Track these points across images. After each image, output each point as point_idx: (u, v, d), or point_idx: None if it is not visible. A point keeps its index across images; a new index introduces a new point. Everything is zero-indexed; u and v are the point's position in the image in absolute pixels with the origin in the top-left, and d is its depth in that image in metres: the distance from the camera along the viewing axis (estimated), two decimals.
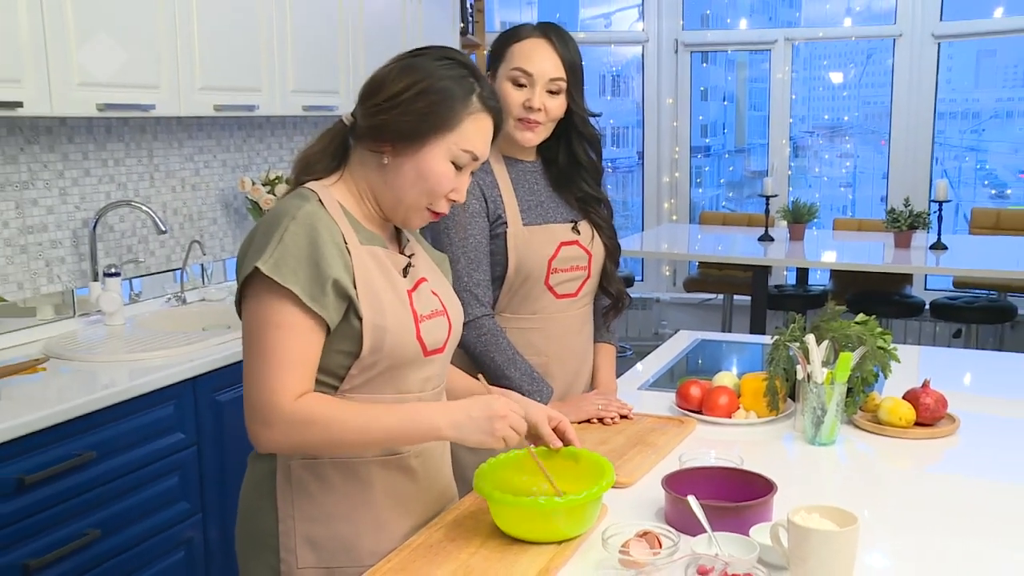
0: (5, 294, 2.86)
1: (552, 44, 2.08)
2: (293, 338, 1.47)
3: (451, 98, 1.54)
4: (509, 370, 2.07)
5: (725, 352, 3.07)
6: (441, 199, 1.58)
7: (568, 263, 2.17)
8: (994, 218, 6.20)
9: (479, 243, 2.08)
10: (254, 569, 1.65)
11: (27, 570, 2.23)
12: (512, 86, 2.07)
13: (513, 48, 2.09)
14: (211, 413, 2.77)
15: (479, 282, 2.09)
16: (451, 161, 1.56)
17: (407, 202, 1.58)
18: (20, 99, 2.50)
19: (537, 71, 2.06)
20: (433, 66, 1.55)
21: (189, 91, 3.06)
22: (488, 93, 1.59)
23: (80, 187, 3.13)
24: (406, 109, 1.52)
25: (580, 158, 2.20)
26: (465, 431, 1.52)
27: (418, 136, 1.53)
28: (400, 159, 1.55)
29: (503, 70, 2.10)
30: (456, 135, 1.55)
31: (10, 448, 2.19)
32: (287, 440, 1.49)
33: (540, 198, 2.18)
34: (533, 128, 2.10)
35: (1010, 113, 7.09)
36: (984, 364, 2.94)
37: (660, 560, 1.40)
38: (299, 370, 1.48)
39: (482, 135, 1.59)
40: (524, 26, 2.12)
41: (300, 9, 3.53)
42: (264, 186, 3.69)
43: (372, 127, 1.55)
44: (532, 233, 2.13)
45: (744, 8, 7.45)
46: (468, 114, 1.55)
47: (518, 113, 2.08)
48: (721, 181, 7.87)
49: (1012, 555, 1.56)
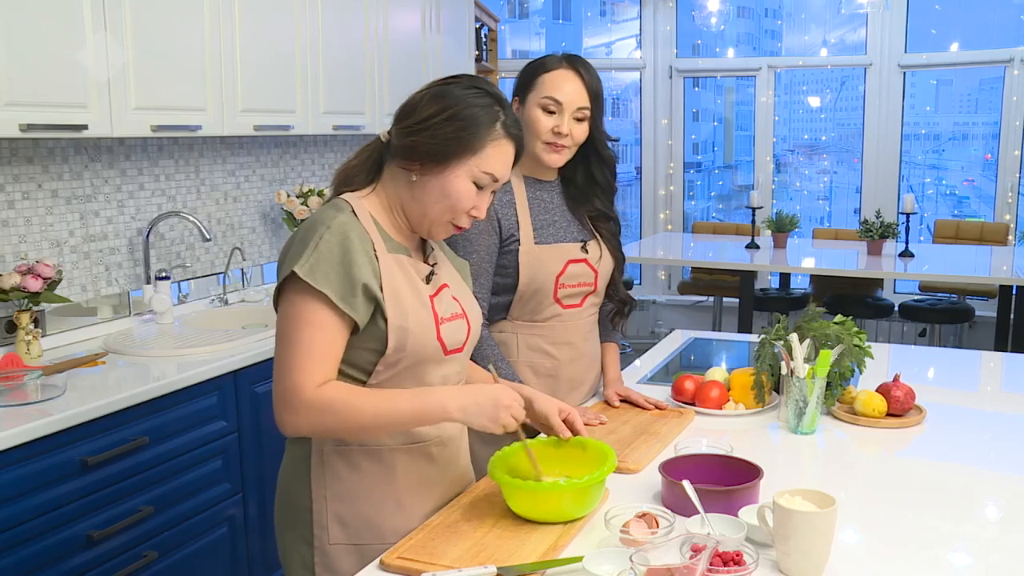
0: (70, 295, 2.87)
1: (579, 75, 2.06)
2: (320, 334, 1.47)
3: (476, 124, 1.53)
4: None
5: (716, 349, 3.06)
6: (462, 215, 1.58)
7: (575, 279, 2.14)
8: (954, 229, 6.18)
9: (482, 258, 2.06)
10: (291, 542, 1.65)
11: (91, 540, 2.25)
12: (542, 112, 2.05)
13: (544, 78, 2.06)
14: (250, 403, 2.77)
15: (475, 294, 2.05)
16: (473, 182, 1.55)
17: (431, 216, 1.57)
18: (85, 122, 2.51)
19: (566, 100, 2.04)
20: (462, 94, 1.54)
21: (232, 113, 3.07)
22: (511, 121, 1.58)
23: (135, 200, 3.14)
24: (435, 132, 1.52)
25: (597, 178, 2.18)
26: (471, 415, 1.52)
27: (444, 157, 1.53)
28: (427, 177, 1.55)
29: (533, 97, 2.07)
30: (479, 159, 1.54)
31: (75, 433, 2.20)
32: (308, 424, 1.49)
33: (554, 217, 2.15)
34: (560, 151, 2.07)
35: (965, 136, 7.09)
36: (947, 360, 2.92)
37: (657, 539, 1.40)
38: (322, 362, 1.47)
39: (503, 160, 1.57)
40: (551, 57, 2.10)
41: (330, 40, 3.54)
42: (298, 198, 3.69)
43: (404, 146, 1.55)
44: (542, 251, 2.10)
45: (731, 38, 7.44)
46: (491, 140, 1.54)
47: (547, 137, 2.06)
48: (711, 194, 7.85)
49: (971, 530, 1.55)
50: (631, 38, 7.11)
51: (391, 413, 1.50)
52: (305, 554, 1.62)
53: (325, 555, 1.60)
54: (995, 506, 1.67)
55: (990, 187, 6.41)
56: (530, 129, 2.05)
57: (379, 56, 3.86)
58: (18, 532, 2.09)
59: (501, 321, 2.15)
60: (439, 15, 4.30)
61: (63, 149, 2.86)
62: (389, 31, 3.92)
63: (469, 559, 1.43)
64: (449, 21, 4.40)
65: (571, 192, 2.19)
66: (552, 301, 2.13)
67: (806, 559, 1.37)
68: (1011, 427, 2.15)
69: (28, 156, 2.75)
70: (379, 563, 1.45)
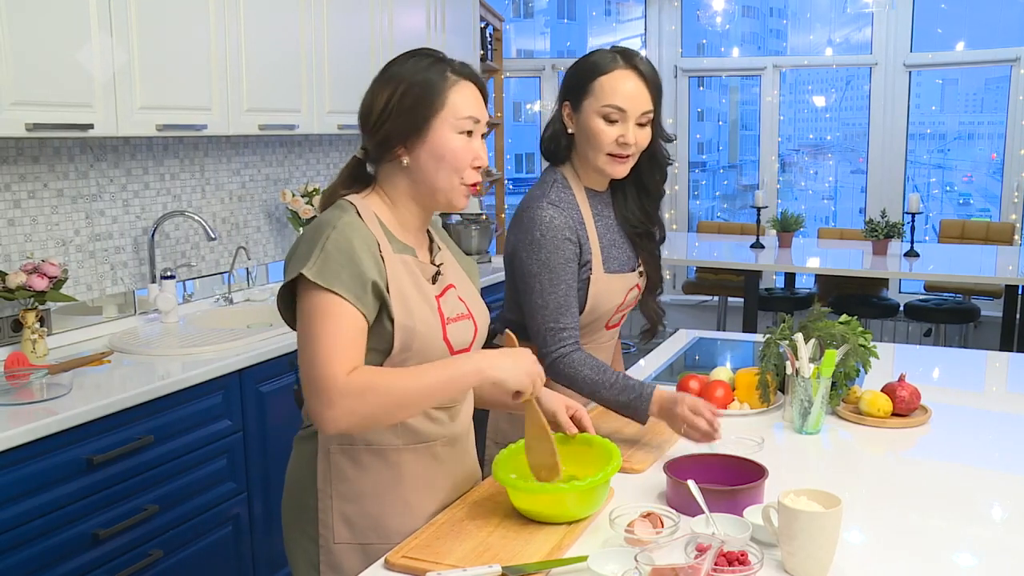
0: (76, 294, 2.87)
1: (640, 74, 1.88)
2: (341, 323, 1.45)
3: (430, 83, 1.53)
4: (600, 394, 1.87)
5: (720, 349, 3.06)
6: (466, 169, 1.56)
7: (628, 305, 2.08)
8: (960, 228, 6.17)
9: (570, 287, 1.89)
10: (297, 541, 1.65)
11: (96, 538, 2.25)
12: (604, 122, 1.87)
13: (601, 82, 1.87)
14: (255, 402, 2.77)
15: (566, 326, 1.88)
16: (458, 133, 1.54)
17: (441, 186, 1.56)
18: (91, 121, 2.52)
19: (630, 107, 1.86)
20: (403, 67, 1.55)
21: (237, 113, 3.07)
22: (458, 66, 1.57)
23: (140, 199, 3.14)
24: (398, 111, 1.52)
25: (648, 184, 2.03)
26: (507, 372, 1.50)
27: (419, 126, 1.53)
28: (416, 152, 1.54)
29: (591, 105, 1.88)
30: (449, 109, 1.53)
31: (80, 431, 2.20)
32: (346, 414, 1.41)
33: (614, 237, 2.02)
34: (625, 161, 1.91)
35: (971, 135, 7.08)
36: (952, 360, 2.92)
37: (662, 539, 1.40)
38: (349, 350, 1.44)
39: (471, 99, 1.57)
40: (602, 54, 1.90)
41: (335, 39, 3.54)
42: (303, 197, 3.70)
43: (380, 143, 1.55)
44: (611, 280, 1.99)
45: (736, 38, 7.43)
46: (450, 87, 1.54)
47: (611, 149, 1.89)
48: (716, 194, 7.84)
49: (976, 530, 1.55)
50: (636, 37, 7.10)
51: (427, 383, 1.47)
52: (311, 552, 1.62)
53: (330, 554, 1.60)
54: (1000, 507, 1.67)
55: (996, 187, 6.40)
56: (590, 140, 1.90)
57: (384, 55, 3.84)
58: (24, 531, 2.09)
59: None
60: (444, 14, 4.30)
61: (69, 148, 2.86)
62: (394, 31, 3.92)
63: (474, 559, 1.43)
64: (454, 21, 4.40)
65: (618, 200, 2.05)
66: (603, 327, 2.08)
67: (811, 559, 1.37)
68: (1016, 427, 2.15)
69: (34, 155, 2.75)
70: (384, 562, 1.46)
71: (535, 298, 1.89)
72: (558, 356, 1.88)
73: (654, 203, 2.07)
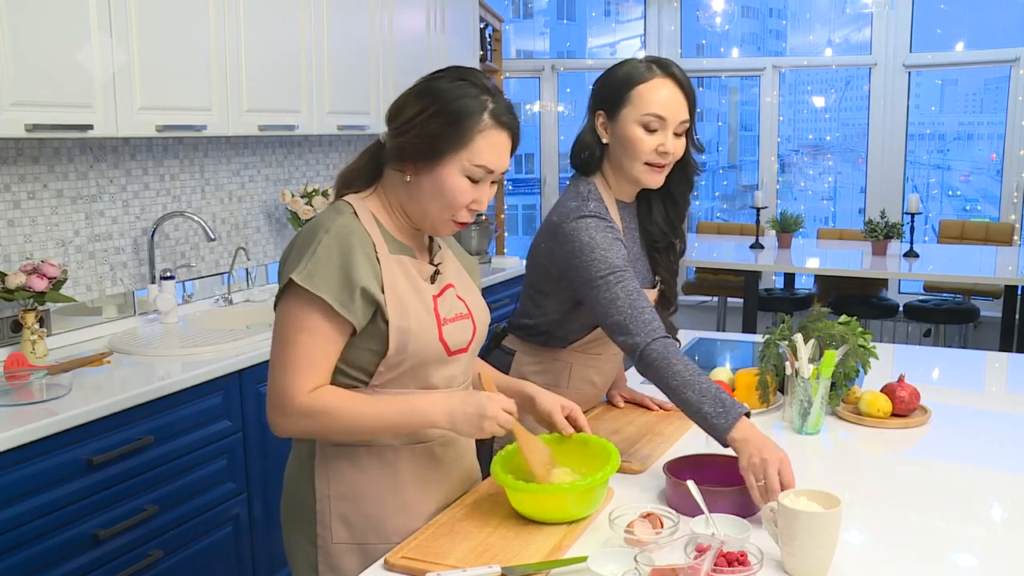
0: (76, 295, 2.87)
1: (679, 84, 1.87)
2: (315, 340, 1.48)
3: (462, 118, 1.50)
4: (685, 393, 1.70)
5: (720, 349, 3.06)
6: (461, 210, 1.55)
7: None
8: (959, 229, 6.18)
9: (635, 280, 1.82)
10: (296, 541, 1.65)
11: (96, 539, 2.25)
12: (643, 131, 1.86)
13: (639, 91, 1.85)
14: (255, 403, 2.77)
15: (648, 315, 1.77)
16: (466, 176, 1.52)
17: (431, 215, 1.56)
18: (91, 122, 2.52)
19: (670, 116, 1.85)
20: (447, 88, 1.52)
21: (237, 113, 3.07)
22: (502, 109, 1.53)
23: (140, 199, 3.14)
24: (421, 131, 1.50)
25: (675, 195, 2.00)
26: (458, 424, 1.53)
27: (434, 155, 1.50)
28: (420, 176, 1.53)
29: (630, 114, 1.86)
30: (469, 152, 1.50)
31: (80, 432, 2.20)
32: (296, 428, 1.52)
33: (635, 252, 2.00)
34: (662, 171, 1.90)
35: (970, 136, 7.09)
36: (951, 361, 2.92)
37: (662, 539, 1.40)
38: (316, 369, 1.49)
39: (495, 150, 1.53)
40: (636, 64, 1.89)
41: (335, 40, 3.54)
42: (303, 198, 3.70)
43: (394, 148, 1.54)
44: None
45: (736, 38, 7.44)
46: (480, 132, 1.50)
47: (650, 158, 1.87)
48: (716, 194, 7.85)
49: (975, 531, 1.55)
50: (635, 38, 7.11)
51: (378, 420, 1.52)
52: (309, 553, 1.62)
53: (329, 554, 1.60)
54: (1000, 507, 1.67)
55: (995, 187, 6.41)
56: (628, 149, 1.88)
57: (384, 56, 3.86)
58: (24, 531, 2.09)
59: (558, 349, 2.04)
60: (444, 15, 4.30)
61: (68, 149, 2.86)
62: (394, 31, 3.92)
63: (473, 559, 1.43)
64: (454, 21, 4.40)
65: (643, 212, 2.02)
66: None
67: (811, 559, 1.37)
68: (1016, 427, 2.15)
69: (34, 156, 2.75)
70: (383, 563, 1.45)
71: (603, 295, 1.79)
72: (650, 341, 1.74)
73: (680, 214, 2.04)
